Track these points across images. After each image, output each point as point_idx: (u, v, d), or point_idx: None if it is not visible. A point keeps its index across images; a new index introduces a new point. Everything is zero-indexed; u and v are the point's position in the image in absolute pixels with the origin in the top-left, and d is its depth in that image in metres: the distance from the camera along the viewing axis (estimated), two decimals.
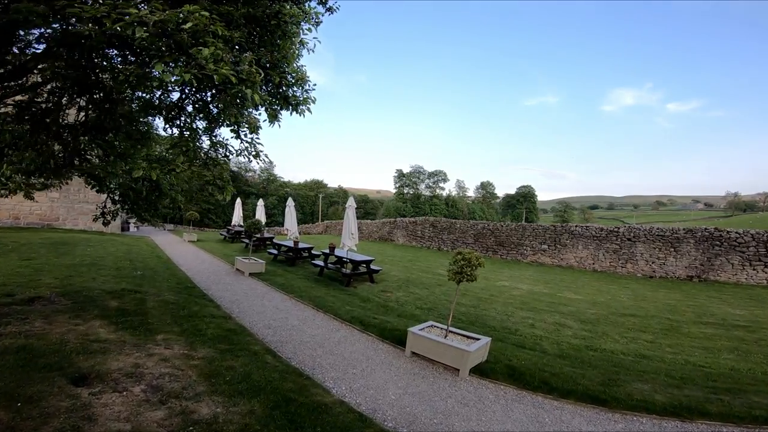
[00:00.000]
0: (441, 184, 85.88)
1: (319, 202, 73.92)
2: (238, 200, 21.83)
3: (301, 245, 13.73)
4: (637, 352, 6.40)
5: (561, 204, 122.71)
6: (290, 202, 15.00)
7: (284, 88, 3.88)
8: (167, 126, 3.44)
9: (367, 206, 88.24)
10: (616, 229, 16.15)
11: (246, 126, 3.08)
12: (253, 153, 3.60)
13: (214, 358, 4.76)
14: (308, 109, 4.09)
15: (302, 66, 4.57)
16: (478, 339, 5.50)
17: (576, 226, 17.32)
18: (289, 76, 3.78)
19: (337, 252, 11.73)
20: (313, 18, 4.45)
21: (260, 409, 3.61)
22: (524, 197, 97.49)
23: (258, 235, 16.44)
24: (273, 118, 3.92)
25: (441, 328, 5.93)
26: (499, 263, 17.50)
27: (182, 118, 3.61)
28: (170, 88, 3.22)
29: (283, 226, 16.20)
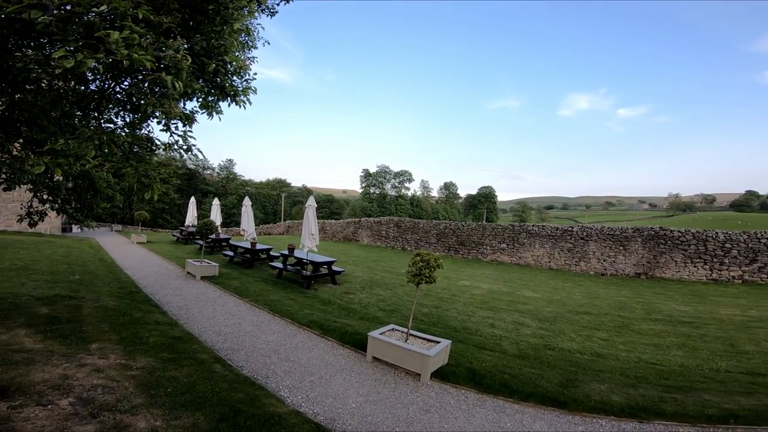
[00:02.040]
0: (406, 184, 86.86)
1: (281, 202, 72.24)
2: (193, 199, 20.77)
3: (258, 246, 13.22)
4: (593, 351, 6.52)
5: (519, 204, 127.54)
6: (247, 201, 14.40)
7: (220, 78, 3.67)
8: (83, 119, 3.08)
9: (333, 206, 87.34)
10: (570, 229, 16.82)
11: (165, 117, 2.80)
12: (185, 147, 3.30)
13: (155, 368, 4.43)
14: (248, 100, 3.91)
15: (253, 56, 4.35)
16: (438, 342, 5.42)
17: (533, 226, 17.89)
18: (228, 65, 3.58)
19: (297, 253, 11.37)
20: (264, 11, 4.21)
21: (205, 421, 3.37)
22: (485, 197, 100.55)
23: (212, 236, 15.71)
24: (207, 108, 3.71)
25: (402, 332, 5.81)
26: (460, 262, 17.75)
27: (106, 111, 3.27)
28: (86, 76, 2.88)
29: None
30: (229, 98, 3.87)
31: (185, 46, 2.64)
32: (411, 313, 5.72)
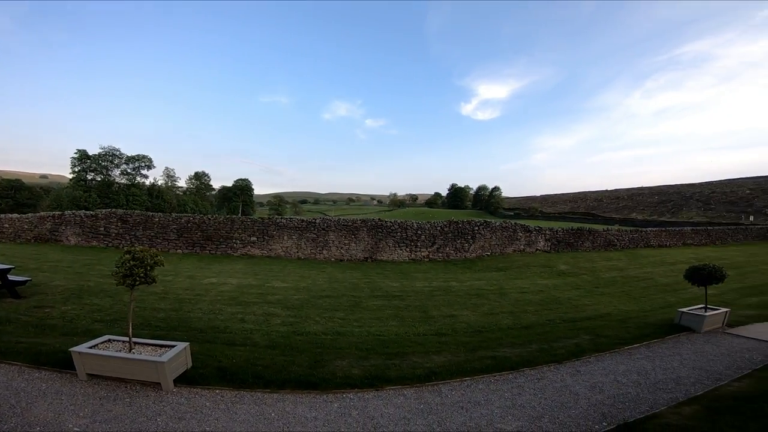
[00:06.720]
0: (144, 171, 71.99)
1: None
2: None
3: None
4: (334, 330, 7.25)
5: (276, 198, 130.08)
6: None
7: None
8: None
9: (21, 195, 62.79)
10: (314, 221, 18.51)
11: None
12: None
13: None
14: None
15: None
16: (173, 346, 4.87)
17: (281, 218, 18.61)
18: None
19: None
20: None
21: None
22: (241, 190, 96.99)
23: None
24: None
25: (122, 341, 4.91)
26: (207, 259, 16.48)
27: None
28: None
29: None
30: None
31: None
32: (129, 319, 4.78)
